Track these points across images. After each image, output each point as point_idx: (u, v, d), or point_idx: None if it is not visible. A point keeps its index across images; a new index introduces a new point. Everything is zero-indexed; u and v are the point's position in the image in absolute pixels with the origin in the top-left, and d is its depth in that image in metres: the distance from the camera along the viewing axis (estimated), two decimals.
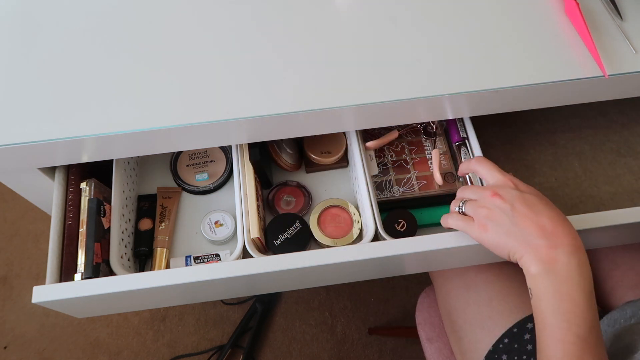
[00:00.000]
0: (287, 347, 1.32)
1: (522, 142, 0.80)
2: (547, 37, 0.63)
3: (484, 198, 0.54)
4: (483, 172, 0.58)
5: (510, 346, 0.67)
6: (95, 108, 0.58)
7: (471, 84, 0.59)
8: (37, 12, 0.66)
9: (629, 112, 0.82)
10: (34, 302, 0.56)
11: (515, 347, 0.66)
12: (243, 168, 0.69)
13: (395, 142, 0.77)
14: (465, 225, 0.55)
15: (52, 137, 0.57)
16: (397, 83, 0.60)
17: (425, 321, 0.86)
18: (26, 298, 1.36)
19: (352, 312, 1.35)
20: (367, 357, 1.30)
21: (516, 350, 0.66)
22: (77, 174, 0.68)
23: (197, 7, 0.66)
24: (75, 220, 0.65)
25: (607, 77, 0.59)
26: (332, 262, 0.58)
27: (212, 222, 0.72)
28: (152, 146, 0.61)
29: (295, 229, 0.70)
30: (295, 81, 0.60)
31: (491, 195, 0.53)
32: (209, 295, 0.67)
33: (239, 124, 0.58)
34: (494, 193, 0.53)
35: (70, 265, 0.63)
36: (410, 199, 0.73)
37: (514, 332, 0.67)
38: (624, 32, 0.63)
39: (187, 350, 1.31)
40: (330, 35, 0.64)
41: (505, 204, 0.52)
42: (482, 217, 0.53)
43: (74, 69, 0.61)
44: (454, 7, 0.66)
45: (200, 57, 0.62)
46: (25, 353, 1.30)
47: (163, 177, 0.77)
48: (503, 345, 0.67)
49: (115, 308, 0.67)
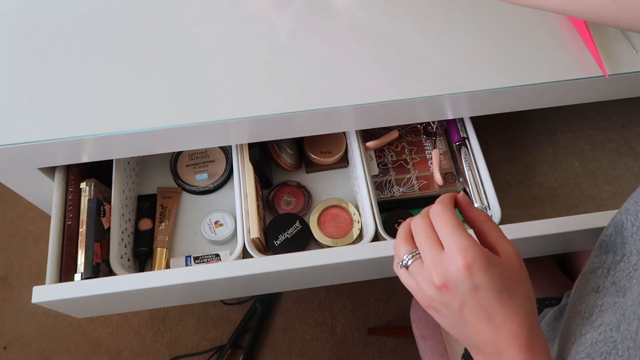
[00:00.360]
0: (287, 347, 1.32)
1: (522, 142, 0.80)
2: (547, 37, 0.63)
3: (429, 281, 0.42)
4: (442, 229, 0.43)
5: None
6: (95, 108, 0.58)
7: (471, 84, 0.59)
8: (37, 12, 0.66)
9: (629, 112, 0.82)
10: (34, 302, 0.56)
11: None
12: (243, 168, 0.69)
13: (395, 142, 0.77)
14: (415, 290, 0.45)
15: (52, 137, 0.57)
16: (397, 83, 0.60)
17: (419, 319, 0.86)
18: (26, 298, 1.36)
19: (352, 312, 1.35)
20: (367, 357, 1.30)
21: None
22: (77, 174, 0.68)
23: (197, 7, 0.66)
24: (75, 220, 0.65)
25: (607, 77, 0.59)
26: (332, 262, 0.58)
27: (212, 222, 0.72)
28: (152, 146, 0.61)
29: (295, 229, 0.70)
30: (295, 81, 0.60)
31: (438, 287, 0.41)
32: (209, 295, 0.67)
33: (239, 124, 0.58)
34: (443, 285, 0.41)
35: (70, 265, 0.63)
36: (410, 199, 0.73)
37: None
38: (624, 32, 0.63)
39: (187, 350, 1.31)
40: (330, 35, 0.64)
41: (453, 301, 0.41)
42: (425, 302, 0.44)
43: (74, 69, 0.61)
44: (454, 8, 0.65)
45: (200, 57, 0.62)
46: (25, 353, 1.30)
47: (163, 177, 0.77)
48: None
49: (115, 308, 0.67)
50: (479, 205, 0.69)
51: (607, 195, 0.75)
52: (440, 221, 0.43)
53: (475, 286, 0.40)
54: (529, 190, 0.76)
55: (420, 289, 0.43)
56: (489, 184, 0.68)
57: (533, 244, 0.62)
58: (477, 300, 0.41)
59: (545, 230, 0.59)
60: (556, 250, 0.68)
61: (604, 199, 0.75)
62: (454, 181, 0.73)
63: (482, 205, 0.69)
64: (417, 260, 0.43)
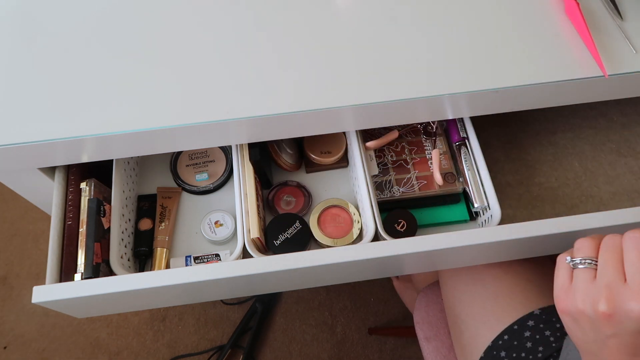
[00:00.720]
0: (287, 347, 1.32)
1: (522, 142, 0.80)
2: (547, 37, 0.63)
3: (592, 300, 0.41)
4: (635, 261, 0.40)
5: (510, 343, 0.67)
6: (95, 108, 0.58)
7: (471, 84, 0.59)
8: (37, 12, 0.66)
9: (629, 112, 0.82)
10: (34, 302, 0.56)
11: (514, 344, 0.66)
12: (243, 168, 0.69)
13: (395, 142, 0.77)
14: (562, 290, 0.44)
15: (52, 137, 0.57)
16: (397, 83, 0.60)
17: (423, 320, 0.86)
18: (26, 298, 1.36)
19: (352, 312, 1.35)
20: (367, 357, 1.30)
21: (515, 347, 0.66)
22: (77, 174, 0.68)
23: (197, 7, 0.66)
24: (75, 220, 0.65)
25: (607, 77, 0.59)
26: (332, 262, 0.58)
27: (212, 222, 0.72)
28: (152, 146, 0.61)
29: (295, 229, 0.70)
30: (295, 81, 0.60)
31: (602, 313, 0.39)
32: (209, 295, 0.67)
33: (239, 124, 0.58)
34: (609, 315, 0.39)
35: (70, 265, 0.63)
36: (410, 199, 0.73)
37: (514, 329, 0.67)
38: (624, 32, 0.63)
39: (187, 350, 1.31)
40: (330, 35, 0.64)
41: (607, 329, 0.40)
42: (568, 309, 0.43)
43: (74, 69, 0.61)
44: (454, 7, 0.65)
45: (200, 57, 0.62)
46: (25, 353, 1.30)
47: (163, 177, 0.77)
48: (502, 341, 0.67)
49: (115, 308, 0.67)
50: (479, 205, 0.69)
51: (607, 195, 0.75)
52: (636, 252, 0.40)
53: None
54: (529, 190, 0.76)
55: (571, 296, 0.42)
56: (489, 184, 0.68)
57: (533, 244, 0.62)
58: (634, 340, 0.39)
59: (545, 230, 0.59)
60: (556, 250, 0.68)
61: (604, 199, 0.75)
62: (454, 181, 0.73)
63: (482, 205, 0.69)
64: (590, 269, 0.42)
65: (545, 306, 0.68)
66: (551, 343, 0.64)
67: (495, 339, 0.68)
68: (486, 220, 0.70)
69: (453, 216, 0.74)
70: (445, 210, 0.74)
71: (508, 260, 0.70)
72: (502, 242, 0.59)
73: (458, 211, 0.74)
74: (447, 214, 0.74)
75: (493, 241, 0.59)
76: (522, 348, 0.66)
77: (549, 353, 0.64)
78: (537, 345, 0.65)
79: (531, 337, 0.66)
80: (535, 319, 0.67)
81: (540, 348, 0.64)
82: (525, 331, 0.67)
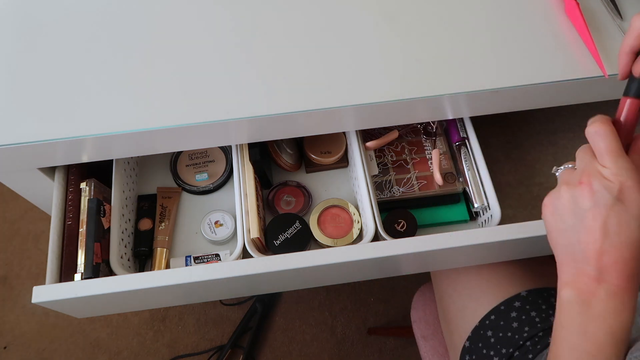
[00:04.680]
0: (287, 347, 1.32)
1: (522, 142, 0.80)
2: (547, 37, 0.63)
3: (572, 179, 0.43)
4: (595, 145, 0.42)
5: (496, 322, 0.67)
6: (95, 108, 0.58)
7: (471, 84, 0.59)
8: (37, 12, 0.66)
9: None
10: (34, 302, 0.56)
11: (500, 324, 0.67)
12: (243, 168, 0.69)
13: (395, 142, 0.77)
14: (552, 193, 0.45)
15: (52, 137, 0.57)
16: (397, 83, 0.60)
17: (420, 319, 0.86)
18: (26, 298, 1.36)
19: (352, 312, 1.35)
20: (367, 357, 1.30)
21: (501, 327, 0.67)
22: (77, 174, 0.68)
23: (197, 7, 0.66)
24: (75, 220, 0.65)
25: (607, 77, 0.59)
26: (332, 262, 0.58)
27: (212, 222, 0.72)
28: (152, 146, 0.61)
29: (295, 229, 0.70)
30: (295, 81, 0.60)
31: (580, 182, 0.42)
32: (209, 295, 0.67)
33: (239, 124, 0.58)
34: (587, 182, 0.41)
35: (70, 265, 0.63)
36: (410, 199, 0.73)
37: (501, 310, 0.68)
38: (624, 32, 0.63)
39: (187, 350, 1.31)
40: (330, 35, 0.64)
41: (585, 201, 0.41)
42: (550, 200, 0.44)
43: (74, 69, 0.61)
44: (453, 7, 0.65)
45: (200, 57, 0.62)
46: (25, 353, 1.30)
47: (163, 177, 0.77)
48: (489, 321, 0.68)
49: (115, 308, 0.67)
50: (479, 205, 0.69)
51: None
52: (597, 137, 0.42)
53: (619, 201, 0.40)
54: (529, 190, 0.76)
55: (555, 190, 0.44)
56: (489, 184, 0.68)
57: (533, 244, 0.62)
58: (610, 212, 0.40)
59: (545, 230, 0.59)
60: None
61: None
62: (454, 181, 0.73)
63: (482, 204, 0.69)
64: (570, 169, 0.45)
65: (531, 288, 0.69)
66: (537, 323, 0.65)
67: (483, 318, 0.69)
68: (486, 220, 0.70)
69: (453, 216, 0.74)
70: (445, 210, 0.74)
71: (508, 260, 0.71)
72: (502, 242, 0.59)
73: (458, 211, 0.74)
74: (447, 214, 0.74)
75: (493, 241, 0.59)
76: (508, 328, 0.66)
77: (534, 333, 0.64)
78: (522, 325, 0.65)
79: (517, 317, 0.66)
80: (522, 300, 0.68)
81: (526, 328, 0.65)
82: (511, 312, 0.67)
